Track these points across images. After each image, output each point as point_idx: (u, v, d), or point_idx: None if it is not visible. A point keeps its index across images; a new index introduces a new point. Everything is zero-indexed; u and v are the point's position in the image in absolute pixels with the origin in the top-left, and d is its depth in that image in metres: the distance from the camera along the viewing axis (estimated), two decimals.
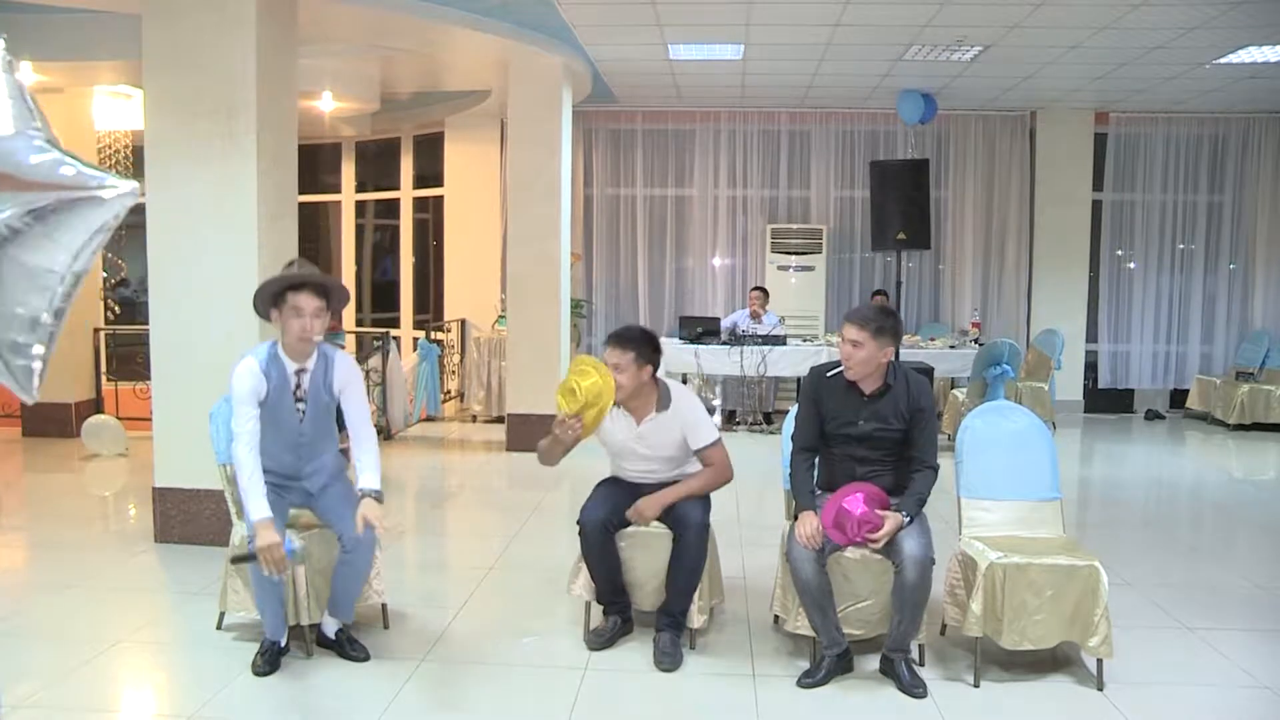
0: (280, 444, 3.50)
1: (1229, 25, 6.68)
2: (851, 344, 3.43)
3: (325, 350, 3.54)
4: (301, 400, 3.49)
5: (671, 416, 3.67)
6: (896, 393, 3.47)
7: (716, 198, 10.33)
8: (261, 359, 3.43)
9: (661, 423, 3.67)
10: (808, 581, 3.37)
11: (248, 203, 4.85)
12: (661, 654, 3.56)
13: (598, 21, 6.97)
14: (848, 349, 3.45)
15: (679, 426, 3.67)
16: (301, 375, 3.49)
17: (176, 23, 4.87)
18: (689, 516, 3.61)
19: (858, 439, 3.50)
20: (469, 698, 3.35)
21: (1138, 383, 10.31)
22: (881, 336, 3.41)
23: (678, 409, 3.68)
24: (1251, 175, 10.03)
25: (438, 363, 9.08)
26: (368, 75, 8.49)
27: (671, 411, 3.67)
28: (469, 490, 6.99)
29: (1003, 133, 10.10)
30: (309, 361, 3.50)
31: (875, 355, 3.42)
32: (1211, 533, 6.12)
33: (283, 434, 3.49)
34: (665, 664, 3.54)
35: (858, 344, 3.42)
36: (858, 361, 3.43)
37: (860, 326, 3.41)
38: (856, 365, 3.44)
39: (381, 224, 11.08)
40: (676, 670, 3.53)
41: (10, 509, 6.02)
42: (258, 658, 3.49)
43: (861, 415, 3.49)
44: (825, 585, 3.40)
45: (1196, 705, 3.35)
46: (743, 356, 8.47)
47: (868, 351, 3.41)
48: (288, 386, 3.47)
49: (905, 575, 3.27)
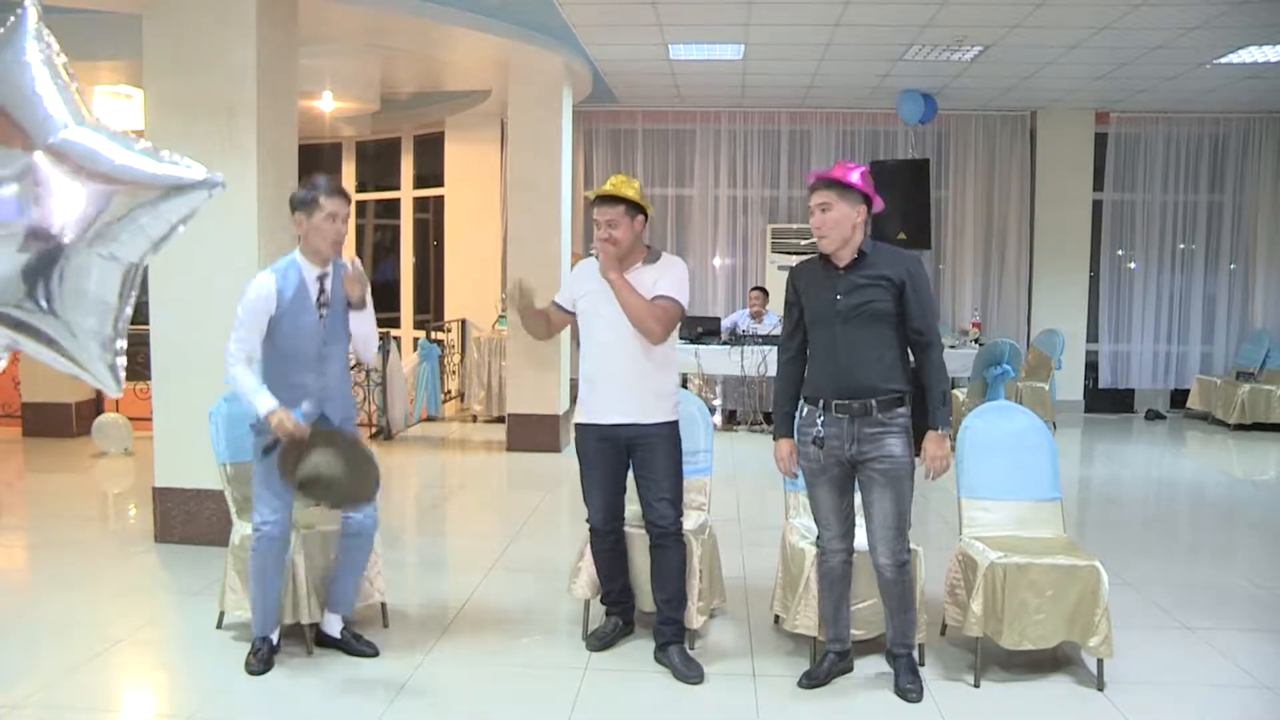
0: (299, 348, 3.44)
1: (1229, 25, 6.68)
2: (820, 208, 3.18)
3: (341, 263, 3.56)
4: (325, 305, 3.49)
5: (653, 270, 3.51)
6: (874, 259, 3.20)
7: (717, 198, 10.33)
8: (280, 271, 3.43)
9: (642, 275, 3.50)
10: (835, 573, 3.36)
11: (248, 202, 4.85)
12: (683, 669, 3.46)
13: (598, 21, 6.97)
14: (818, 216, 3.18)
15: (656, 277, 3.49)
16: (324, 280, 3.49)
17: (176, 23, 4.87)
18: (663, 520, 3.50)
19: (841, 317, 3.20)
20: (469, 698, 3.35)
21: (1138, 383, 10.31)
22: (848, 195, 3.16)
23: (664, 265, 3.54)
24: (1251, 175, 10.02)
25: (438, 363, 9.08)
26: (368, 75, 8.50)
27: (657, 266, 3.52)
28: (469, 490, 6.99)
29: (1003, 133, 10.10)
30: (330, 266, 3.51)
31: (848, 216, 3.15)
32: (1211, 533, 6.11)
33: (302, 338, 3.45)
34: (693, 678, 3.44)
35: (826, 206, 3.16)
36: (830, 225, 3.16)
37: (825, 189, 3.17)
38: (830, 230, 3.17)
39: (382, 224, 11.08)
40: (704, 679, 3.44)
41: (11, 509, 6.02)
42: (250, 658, 3.49)
43: (839, 289, 3.21)
44: (849, 580, 3.39)
45: (1196, 705, 3.35)
46: (743, 356, 8.48)
47: (839, 212, 3.15)
48: (308, 293, 3.46)
49: (882, 573, 3.28)
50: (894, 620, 3.36)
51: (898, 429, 3.21)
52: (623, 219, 3.45)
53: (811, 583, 3.52)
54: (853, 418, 3.22)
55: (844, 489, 3.35)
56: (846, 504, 3.37)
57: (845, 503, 3.36)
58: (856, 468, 3.27)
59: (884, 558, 3.25)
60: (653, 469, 3.52)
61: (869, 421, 3.21)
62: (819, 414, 3.29)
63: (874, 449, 3.20)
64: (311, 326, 3.46)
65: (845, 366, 3.22)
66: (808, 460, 3.35)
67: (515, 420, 7.85)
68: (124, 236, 1.60)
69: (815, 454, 3.30)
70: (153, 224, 1.62)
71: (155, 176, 1.62)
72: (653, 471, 3.52)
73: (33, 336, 1.62)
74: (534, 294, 3.61)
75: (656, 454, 3.51)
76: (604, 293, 3.49)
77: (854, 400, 3.21)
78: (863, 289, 3.19)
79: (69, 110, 1.62)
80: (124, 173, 1.61)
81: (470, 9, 6.54)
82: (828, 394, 3.26)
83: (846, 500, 3.37)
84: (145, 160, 1.64)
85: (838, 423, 3.25)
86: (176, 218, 1.65)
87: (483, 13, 6.66)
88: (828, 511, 3.36)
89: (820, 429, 3.27)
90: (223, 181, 1.69)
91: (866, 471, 3.24)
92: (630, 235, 3.47)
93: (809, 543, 3.62)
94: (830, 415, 3.26)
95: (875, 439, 3.20)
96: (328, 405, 3.53)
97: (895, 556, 3.24)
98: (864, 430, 3.21)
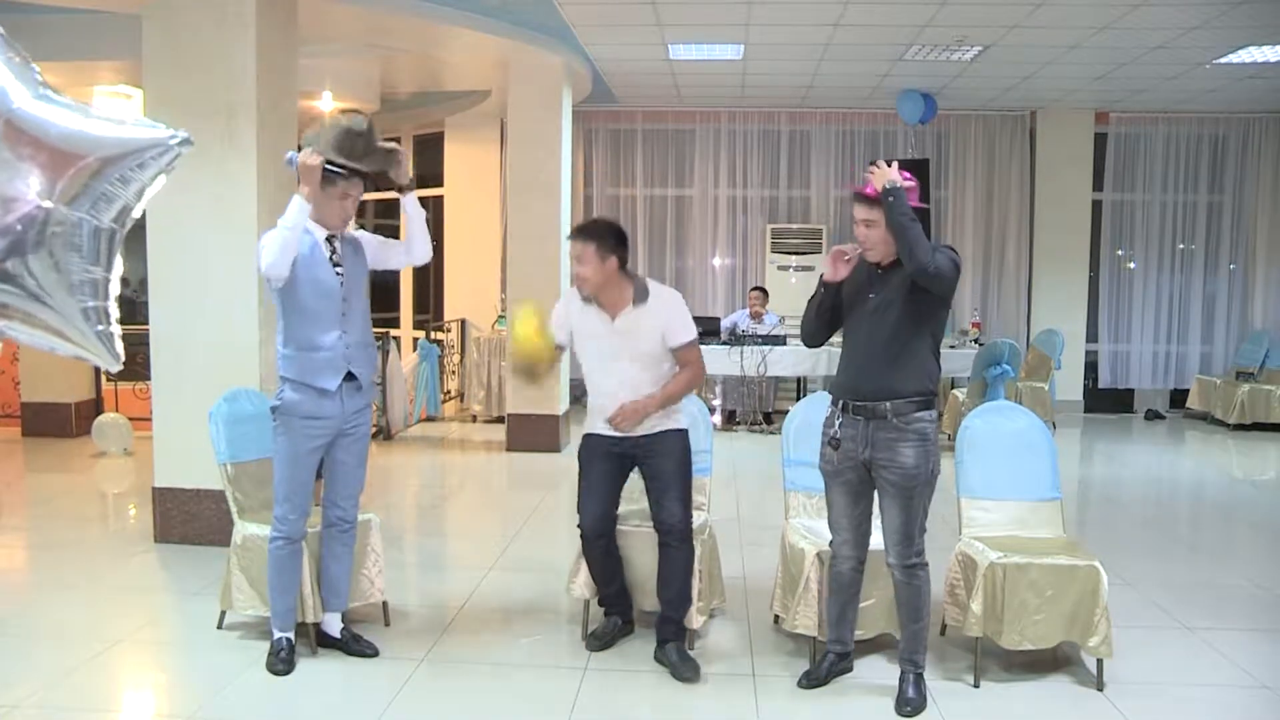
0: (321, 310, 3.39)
1: (1229, 25, 6.68)
2: (864, 224, 3.20)
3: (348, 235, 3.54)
4: (339, 265, 3.44)
5: (650, 310, 3.50)
6: None
7: (716, 198, 10.33)
8: None
9: (639, 317, 3.50)
10: (845, 579, 3.35)
11: (248, 203, 4.85)
12: (680, 667, 3.47)
13: (598, 21, 6.97)
14: (862, 230, 3.22)
15: (658, 323, 3.50)
16: (334, 241, 3.45)
17: (176, 23, 4.87)
18: (672, 518, 3.51)
19: (871, 314, 3.25)
20: (469, 697, 3.35)
21: (1138, 383, 10.31)
22: None
23: (657, 302, 3.53)
24: (1251, 175, 10.02)
25: (438, 363, 9.08)
26: (368, 75, 8.49)
27: (650, 305, 3.51)
28: (469, 490, 7.00)
29: (1003, 133, 10.10)
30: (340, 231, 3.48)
31: None
32: (1211, 533, 6.12)
33: (323, 298, 3.39)
34: (689, 676, 3.45)
35: (871, 223, 3.19)
36: (875, 240, 3.20)
37: (869, 206, 3.17)
38: (875, 244, 3.20)
39: (381, 224, 11.07)
40: (700, 678, 3.45)
41: (11, 509, 6.02)
42: (271, 658, 3.48)
43: (874, 287, 3.26)
44: (858, 586, 3.39)
45: (1196, 705, 3.35)
46: (743, 356, 8.47)
47: (882, 230, 3.16)
48: (320, 252, 3.41)
49: (893, 577, 3.29)
50: (904, 630, 3.32)
51: (914, 437, 3.19)
52: (592, 257, 3.42)
53: (811, 583, 3.52)
54: (868, 419, 3.23)
55: (859, 494, 3.32)
56: (860, 511, 3.33)
57: (859, 510, 3.33)
58: (871, 470, 3.28)
59: (891, 558, 3.26)
60: (663, 474, 3.55)
61: (884, 426, 3.20)
62: (838, 415, 3.32)
63: (887, 456, 3.20)
64: (331, 284, 3.42)
65: (867, 364, 3.24)
66: (824, 461, 3.36)
67: (515, 420, 7.86)
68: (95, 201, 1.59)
69: (831, 455, 3.32)
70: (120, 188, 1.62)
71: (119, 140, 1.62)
72: (663, 477, 3.55)
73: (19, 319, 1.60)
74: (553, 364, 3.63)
75: (668, 460, 3.56)
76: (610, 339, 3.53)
77: (871, 402, 3.22)
78: (897, 286, 3.19)
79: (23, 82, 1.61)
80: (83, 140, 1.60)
81: (470, 9, 6.54)
82: (848, 393, 3.29)
83: (861, 507, 3.33)
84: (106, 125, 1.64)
85: (854, 424, 3.26)
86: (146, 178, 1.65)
87: (483, 13, 6.66)
88: (839, 515, 3.35)
89: (838, 429, 3.30)
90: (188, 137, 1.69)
91: (880, 477, 3.26)
92: (599, 275, 3.44)
93: (809, 543, 3.62)
94: (848, 416, 3.28)
95: (889, 445, 3.19)
96: (354, 364, 3.50)
97: (901, 560, 3.24)
98: (879, 435, 3.21)
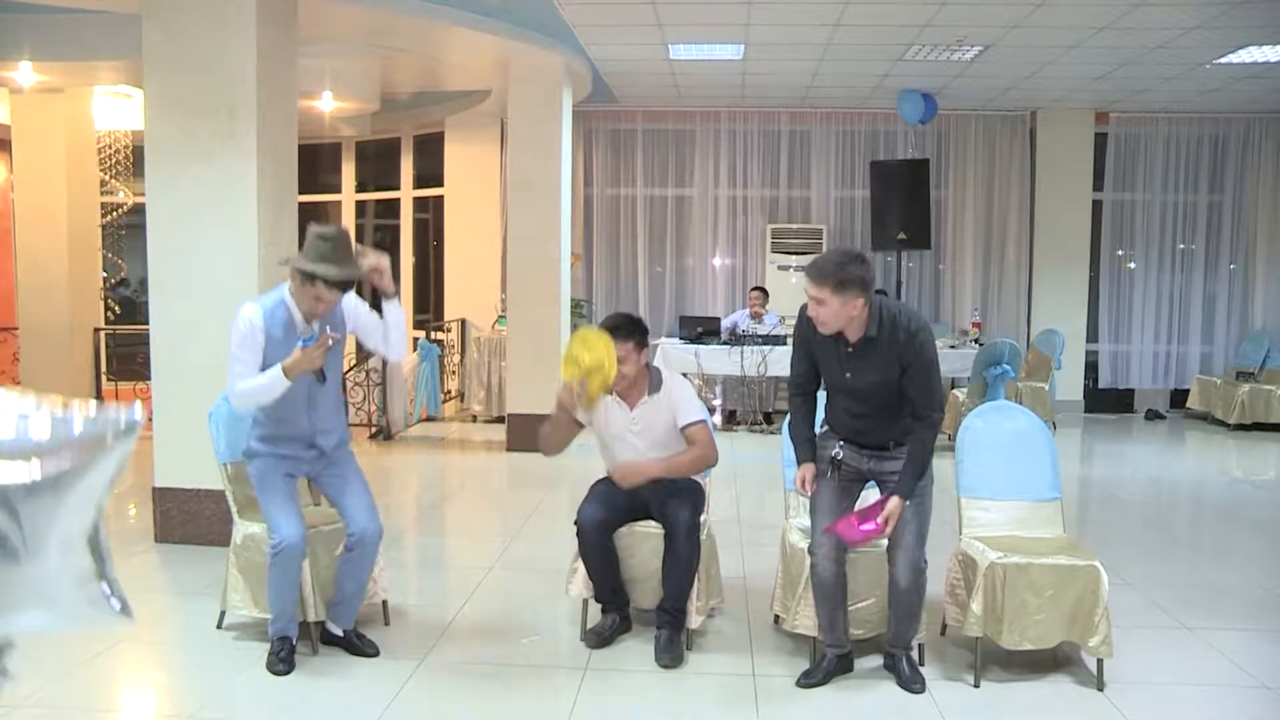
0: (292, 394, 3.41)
1: (1229, 25, 6.68)
2: (815, 301, 3.12)
3: None
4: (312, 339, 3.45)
5: (662, 398, 3.71)
6: (881, 343, 3.16)
7: (716, 198, 10.32)
8: (268, 310, 3.41)
9: (653, 405, 3.71)
10: (827, 581, 3.35)
11: (248, 203, 4.85)
12: (661, 651, 3.56)
13: (598, 21, 6.97)
14: (813, 306, 3.15)
15: (669, 406, 3.70)
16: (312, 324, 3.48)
17: (176, 23, 4.87)
18: (677, 516, 3.58)
19: (847, 391, 3.29)
20: (469, 697, 3.34)
21: (1138, 383, 10.31)
22: (845, 291, 3.05)
23: (668, 390, 3.73)
24: (1251, 175, 10.02)
25: (438, 363, 9.07)
26: (368, 75, 8.50)
27: (662, 393, 3.72)
28: (469, 490, 6.99)
29: (1003, 133, 10.10)
30: None
31: (843, 311, 3.09)
32: (1211, 533, 6.12)
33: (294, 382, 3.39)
34: (665, 660, 3.54)
35: (820, 301, 3.10)
36: (825, 318, 3.13)
37: (818, 283, 3.07)
38: (827, 322, 3.14)
39: (381, 224, 11.08)
40: (677, 667, 3.53)
41: None
42: (272, 657, 3.47)
43: (848, 368, 3.24)
44: (843, 586, 3.39)
45: (1196, 705, 3.35)
46: (743, 356, 8.47)
47: (832, 309, 3.09)
48: (296, 329, 3.44)
49: (898, 579, 3.28)
50: (898, 625, 3.37)
51: None
52: (632, 354, 3.64)
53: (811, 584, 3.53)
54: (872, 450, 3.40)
55: (845, 492, 3.40)
56: (846, 507, 3.37)
57: (844, 507, 3.37)
58: (875, 478, 3.40)
59: (904, 562, 3.26)
60: (674, 485, 3.70)
61: (886, 456, 3.38)
62: (837, 441, 3.42)
63: (893, 468, 3.32)
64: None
65: (859, 426, 3.38)
66: (821, 463, 3.42)
67: (515, 420, 7.85)
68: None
69: (828, 465, 3.41)
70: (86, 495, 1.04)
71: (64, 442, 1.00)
72: (675, 491, 3.69)
73: None
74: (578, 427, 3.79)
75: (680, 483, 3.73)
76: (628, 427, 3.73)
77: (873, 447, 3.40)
78: (870, 369, 3.22)
79: None
80: None
81: (470, 9, 6.53)
82: (847, 434, 3.41)
83: (847, 503, 3.39)
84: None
85: (856, 451, 3.42)
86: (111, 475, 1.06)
87: (483, 13, 6.66)
88: (824, 511, 3.37)
89: (839, 452, 3.41)
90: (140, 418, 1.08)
91: (888, 484, 3.32)
92: (636, 368, 3.68)
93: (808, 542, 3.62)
94: (849, 446, 3.41)
95: (895, 459, 3.33)
96: (321, 438, 3.54)
97: (913, 562, 3.26)
98: (882, 457, 3.39)
